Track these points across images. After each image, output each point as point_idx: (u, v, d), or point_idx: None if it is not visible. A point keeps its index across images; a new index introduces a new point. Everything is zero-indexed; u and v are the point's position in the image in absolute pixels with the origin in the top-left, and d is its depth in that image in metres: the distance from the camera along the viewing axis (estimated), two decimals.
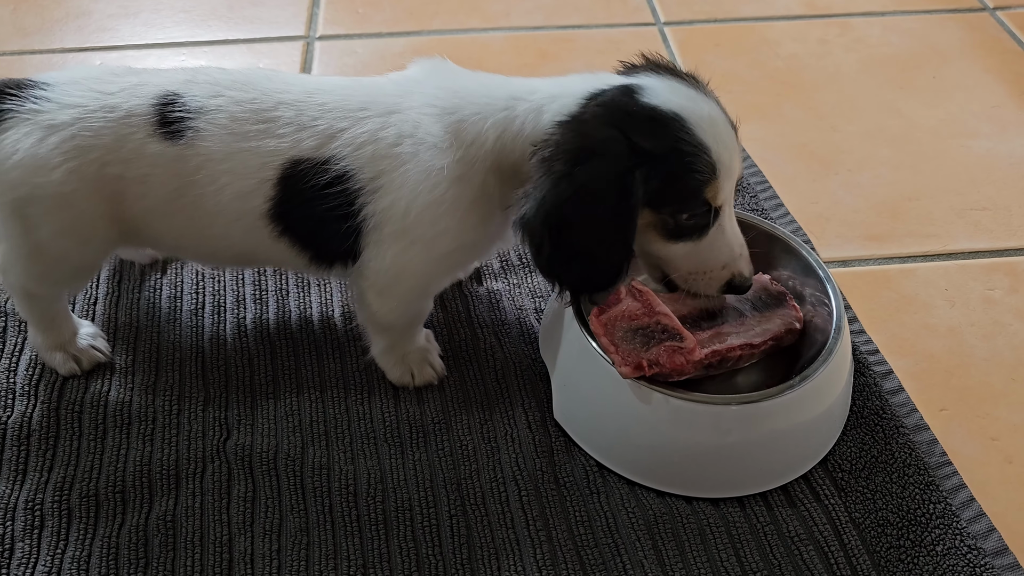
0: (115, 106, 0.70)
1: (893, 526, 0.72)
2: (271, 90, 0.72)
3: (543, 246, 0.67)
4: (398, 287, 0.75)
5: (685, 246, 0.71)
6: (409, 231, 0.71)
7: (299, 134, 0.70)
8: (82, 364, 0.82)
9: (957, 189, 1.07)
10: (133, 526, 0.71)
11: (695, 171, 0.67)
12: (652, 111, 0.67)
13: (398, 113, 0.71)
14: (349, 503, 0.73)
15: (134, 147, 0.70)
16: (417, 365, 0.82)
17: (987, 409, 0.83)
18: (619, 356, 0.72)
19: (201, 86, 0.72)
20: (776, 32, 1.33)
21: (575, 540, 0.71)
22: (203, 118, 0.70)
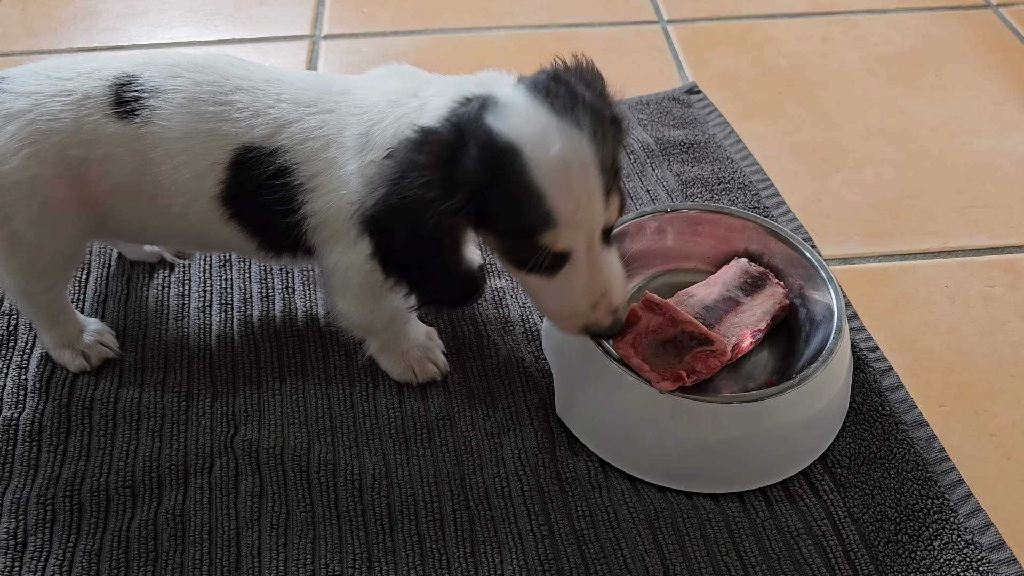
0: (72, 90, 0.70)
1: (891, 521, 0.73)
2: (231, 75, 0.72)
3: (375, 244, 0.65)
4: (350, 288, 0.74)
5: (537, 280, 0.66)
6: (344, 234, 0.70)
7: (252, 120, 0.70)
8: (91, 360, 0.83)
9: (958, 187, 1.07)
10: (143, 520, 0.72)
11: (525, 214, 0.61)
12: (488, 138, 0.60)
13: (333, 113, 0.70)
14: (354, 498, 0.74)
15: (92, 128, 0.70)
16: (418, 363, 0.82)
17: (986, 405, 0.84)
18: (655, 373, 0.72)
19: (159, 67, 0.72)
20: (779, 30, 1.33)
21: (577, 535, 0.73)
22: (160, 97, 0.70)
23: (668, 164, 1.07)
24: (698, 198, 1.03)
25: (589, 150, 0.60)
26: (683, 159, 1.08)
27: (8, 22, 1.32)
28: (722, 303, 0.82)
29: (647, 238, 0.88)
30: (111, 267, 0.94)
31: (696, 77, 1.23)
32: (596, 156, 0.61)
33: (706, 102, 1.17)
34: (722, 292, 0.83)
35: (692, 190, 1.04)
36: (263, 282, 0.92)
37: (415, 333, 0.83)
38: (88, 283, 0.92)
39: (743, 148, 1.10)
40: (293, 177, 0.70)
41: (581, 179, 0.60)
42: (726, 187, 1.04)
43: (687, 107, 1.16)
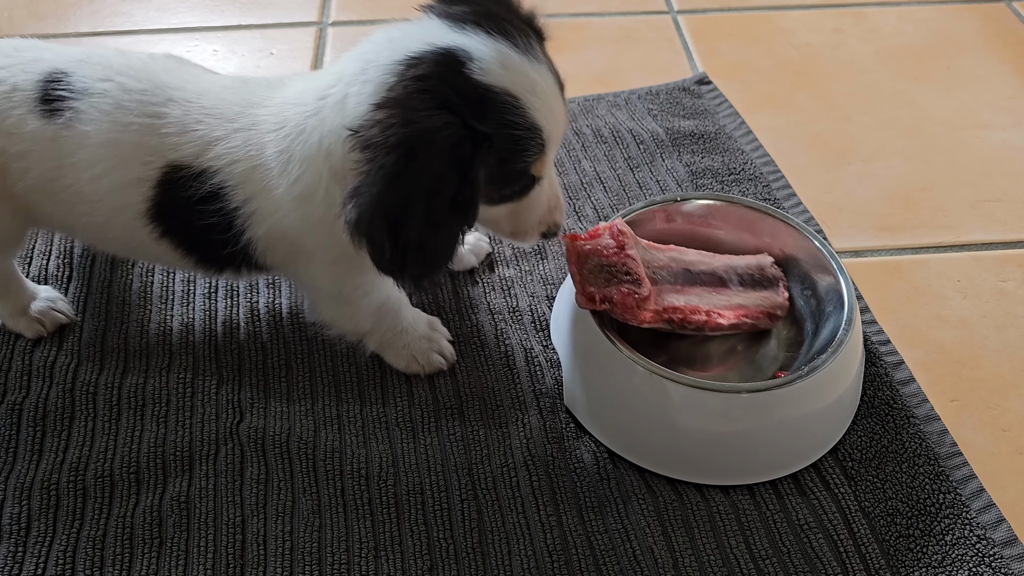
0: (3, 79, 0.69)
1: (903, 515, 0.72)
2: (165, 84, 0.69)
3: (384, 248, 0.60)
4: (325, 298, 0.74)
5: (505, 208, 0.68)
6: (295, 253, 0.69)
7: (180, 137, 0.67)
8: (46, 326, 0.83)
9: (971, 180, 1.06)
10: (147, 506, 0.72)
11: (527, 152, 0.62)
12: (485, 91, 0.59)
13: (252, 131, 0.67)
14: (361, 486, 0.74)
15: (14, 122, 0.68)
16: (422, 354, 0.81)
17: (998, 400, 0.83)
18: (580, 286, 0.75)
19: (93, 67, 0.69)
20: (790, 21, 1.32)
21: (585, 526, 0.72)
22: (86, 100, 0.67)
23: (678, 155, 1.06)
24: (708, 189, 1.02)
25: (552, 76, 0.64)
26: (693, 150, 1.07)
27: (13, 6, 1.31)
28: (707, 275, 0.82)
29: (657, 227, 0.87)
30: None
31: (707, 68, 1.22)
32: (555, 79, 0.65)
33: (716, 93, 1.16)
34: (717, 268, 0.82)
35: (702, 181, 1.03)
36: None
37: (415, 325, 0.81)
38: (93, 268, 0.91)
39: (754, 139, 1.09)
40: (227, 201, 0.67)
41: (555, 102, 0.64)
42: (736, 178, 1.04)
43: (697, 98, 1.15)
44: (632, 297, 0.74)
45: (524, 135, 0.61)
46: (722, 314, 0.78)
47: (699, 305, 0.78)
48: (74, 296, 0.88)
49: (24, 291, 0.83)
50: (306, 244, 0.69)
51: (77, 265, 0.91)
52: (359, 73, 0.62)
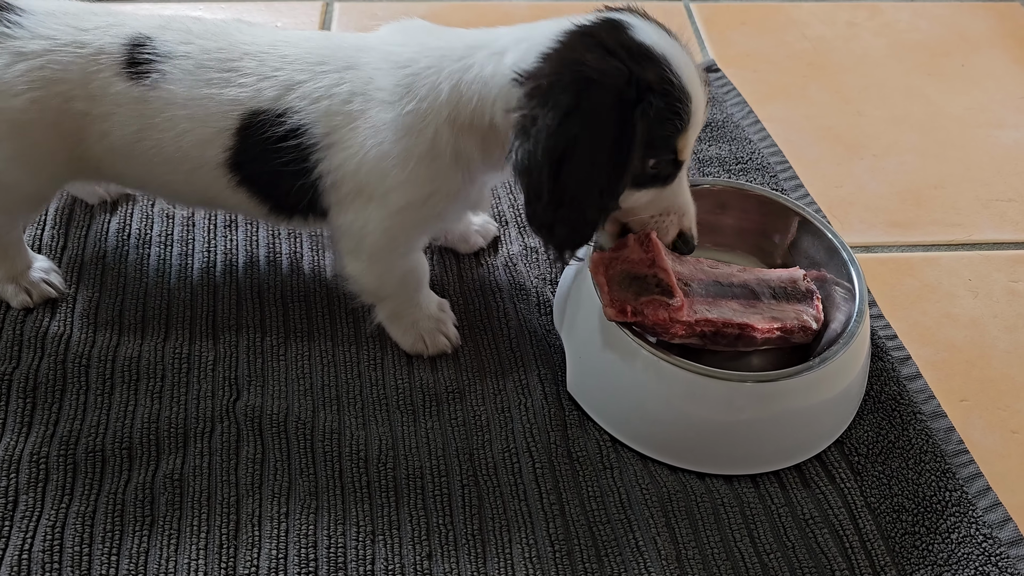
0: (87, 43, 0.70)
1: (908, 512, 0.71)
2: (239, 41, 0.72)
3: (542, 190, 0.63)
4: (364, 247, 0.73)
5: (648, 193, 0.70)
6: (363, 189, 0.70)
7: (259, 84, 0.70)
8: (33, 297, 0.81)
9: (983, 179, 1.05)
10: (139, 483, 0.70)
11: (677, 117, 0.65)
12: (647, 49, 0.64)
13: (354, 69, 0.70)
14: (359, 469, 0.72)
15: (100, 84, 0.70)
16: (429, 334, 0.80)
17: (1008, 402, 0.82)
18: (608, 297, 0.72)
19: (174, 32, 0.72)
20: (804, 13, 1.30)
21: (587, 515, 0.70)
22: (170, 63, 0.70)
23: None
24: (715, 177, 1.00)
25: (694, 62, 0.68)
26: (700, 137, 1.06)
27: None
28: (739, 288, 0.79)
29: None
30: (110, 223, 0.91)
31: (718, 57, 1.20)
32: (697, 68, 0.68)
33: (724, 81, 1.14)
34: (748, 281, 0.79)
35: (709, 169, 1.01)
36: (270, 246, 0.90)
37: (427, 303, 0.81)
38: (87, 238, 0.89)
39: (762, 129, 1.07)
40: (306, 137, 0.69)
41: (699, 87, 0.67)
42: (744, 167, 1.02)
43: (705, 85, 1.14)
44: (665, 310, 0.71)
45: (677, 97, 0.64)
46: (756, 327, 0.75)
47: (732, 318, 0.74)
48: (68, 266, 0.86)
49: (22, 258, 0.82)
50: (385, 181, 0.69)
51: (72, 235, 0.89)
52: (522, 40, 0.66)
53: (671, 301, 0.71)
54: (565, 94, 0.61)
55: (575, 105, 0.61)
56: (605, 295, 0.72)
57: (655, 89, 0.63)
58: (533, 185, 0.63)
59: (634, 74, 0.62)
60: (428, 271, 0.81)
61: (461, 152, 0.69)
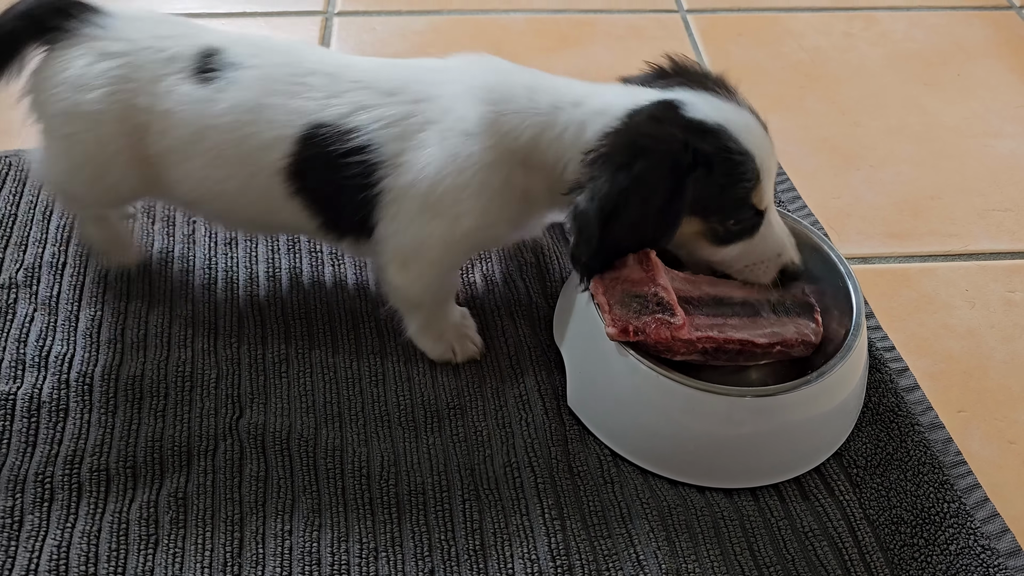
0: (164, 48, 0.75)
1: (907, 524, 0.72)
2: (309, 59, 0.75)
3: (592, 238, 0.69)
4: (418, 260, 0.76)
5: (736, 247, 0.75)
6: (432, 207, 0.73)
7: (327, 100, 0.73)
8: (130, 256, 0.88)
9: (979, 189, 1.06)
10: (144, 502, 0.70)
11: (744, 178, 0.70)
12: (700, 124, 0.69)
13: (428, 101, 0.73)
14: (362, 485, 0.72)
15: (168, 85, 0.74)
16: (458, 341, 0.82)
17: (1005, 412, 0.82)
18: (610, 316, 0.73)
19: (244, 46, 0.76)
20: (800, 23, 1.31)
21: (588, 530, 0.71)
22: (239, 71, 0.74)
23: None
24: None
25: (754, 116, 0.73)
26: None
27: None
28: (739, 304, 0.79)
29: None
30: None
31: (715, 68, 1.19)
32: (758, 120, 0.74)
33: None
34: (748, 296, 0.79)
35: None
36: (270, 263, 0.90)
37: (452, 313, 0.83)
38: (88, 256, 0.90)
39: None
40: (373, 155, 0.72)
41: (764, 139, 0.73)
42: None
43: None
44: (667, 328, 0.72)
45: (739, 159, 0.69)
46: (757, 343, 0.75)
47: (732, 335, 0.75)
48: (70, 285, 0.87)
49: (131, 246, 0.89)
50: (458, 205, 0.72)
51: (73, 254, 0.90)
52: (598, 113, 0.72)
53: (672, 319, 0.72)
54: (620, 156, 0.68)
55: (627, 165, 0.67)
56: (607, 315, 0.73)
57: (713, 158, 0.69)
58: (585, 235, 0.69)
59: (690, 144, 0.68)
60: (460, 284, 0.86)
61: (530, 192, 0.74)
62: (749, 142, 0.70)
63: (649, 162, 0.67)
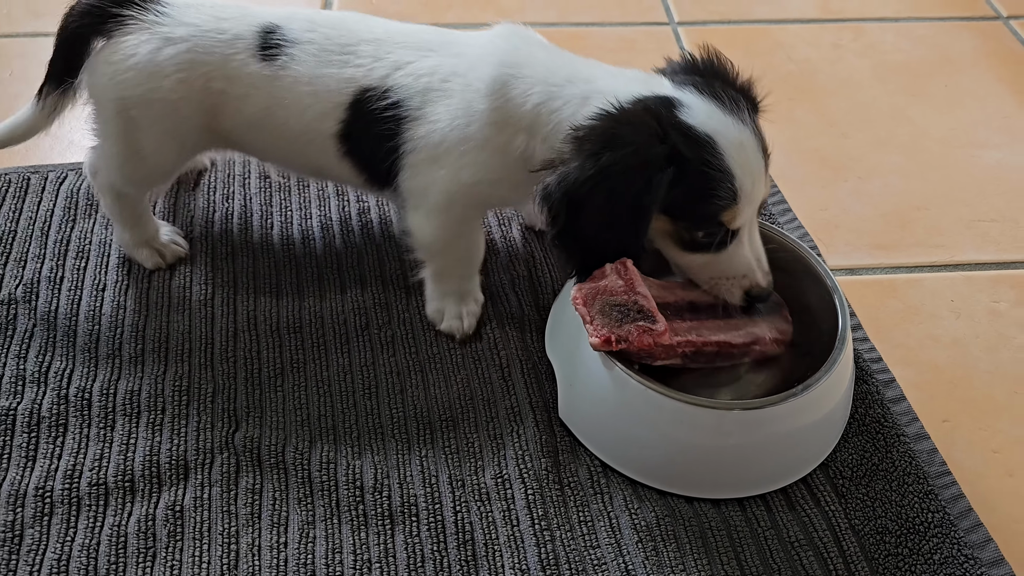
0: (225, 29, 0.79)
1: (892, 534, 0.73)
2: (358, 30, 0.80)
3: (559, 220, 0.70)
4: (426, 203, 0.80)
5: (701, 257, 0.75)
6: (439, 158, 0.77)
7: (372, 64, 0.78)
8: (166, 258, 0.90)
9: (966, 200, 1.07)
10: (141, 516, 0.72)
11: (716, 195, 0.70)
12: (688, 129, 0.69)
13: (456, 58, 0.77)
14: (355, 497, 0.74)
15: (236, 66, 0.78)
16: (449, 312, 0.86)
17: (989, 422, 0.84)
18: (592, 327, 0.74)
19: (300, 21, 0.80)
20: (789, 35, 1.32)
21: (578, 541, 0.72)
22: (298, 47, 0.79)
23: None
24: None
25: (755, 138, 0.72)
26: None
27: (12, 3, 1.30)
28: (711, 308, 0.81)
29: None
30: (110, 257, 0.93)
31: None
32: (759, 142, 0.72)
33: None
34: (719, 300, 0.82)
35: None
36: (267, 278, 0.92)
37: (467, 288, 0.86)
38: (85, 272, 0.91)
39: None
40: (402, 109, 0.77)
41: (754, 161, 0.71)
42: None
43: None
44: (649, 335, 0.73)
45: (716, 175, 0.69)
46: (734, 344, 0.78)
47: (710, 337, 0.77)
48: (68, 300, 0.88)
49: (152, 223, 0.91)
50: (463, 157, 0.76)
51: (71, 268, 0.91)
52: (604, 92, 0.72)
53: (654, 326, 0.73)
54: (591, 143, 0.69)
55: (595, 153, 0.68)
56: (589, 325, 0.74)
57: (688, 164, 0.68)
58: (551, 212, 0.70)
59: (670, 144, 0.68)
60: (482, 255, 0.87)
61: (531, 157, 0.75)
62: (733, 161, 0.69)
63: (618, 154, 0.67)
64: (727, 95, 0.72)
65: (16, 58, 1.20)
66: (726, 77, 0.76)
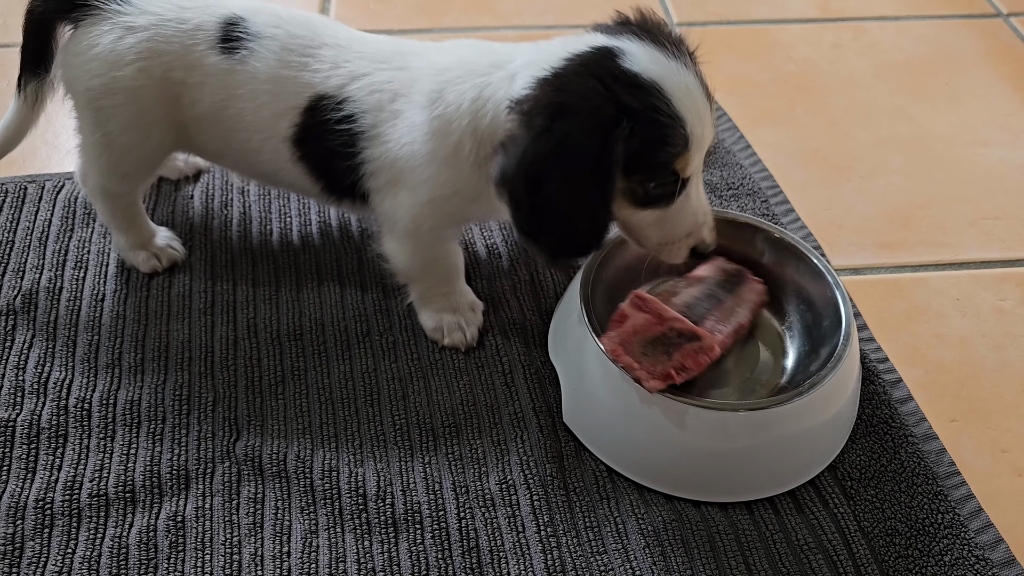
0: (187, 19, 0.78)
1: (902, 535, 0.72)
2: (323, 33, 0.79)
3: (521, 202, 0.68)
4: (396, 228, 0.79)
5: (652, 213, 0.72)
6: (398, 179, 0.76)
7: (330, 72, 0.77)
8: (162, 261, 0.90)
9: (969, 198, 1.06)
10: (143, 527, 0.71)
11: (669, 142, 0.67)
12: (633, 77, 0.66)
13: (404, 71, 0.76)
14: (359, 506, 0.73)
15: (196, 56, 0.78)
16: (449, 326, 0.85)
17: (997, 421, 0.83)
18: (643, 371, 0.72)
19: (265, 16, 0.79)
20: (789, 35, 1.32)
21: (584, 547, 0.71)
22: (259, 42, 0.78)
23: None
24: None
25: (698, 81, 0.70)
26: None
27: (9, 12, 1.30)
28: (704, 301, 0.82)
29: None
30: (109, 266, 0.92)
31: None
32: (703, 86, 0.70)
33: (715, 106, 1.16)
34: (703, 290, 0.83)
35: None
36: (268, 285, 0.91)
37: (461, 297, 0.86)
38: (85, 281, 0.90)
39: (752, 154, 1.09)
40: (357, 124, 0.76)
41: (703, 106, 0.69)
42: (735, 193, 1.03)
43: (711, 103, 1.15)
44: (703, 353, 0.73)
45: (667, 122, 0.66)
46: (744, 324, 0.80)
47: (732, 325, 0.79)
48: (66, 309, 0.87)
49: (147, 227, 0.91)
50: (414, 176, 0.75)
51: (69, 278, 0.90)
52: (531, 64, 0.70)
53: (702, 343, 0.73)
54: (540, 116, 0.65)
55: (548, 127, 0.65)
56: (639, 371, 0.72)
57: (639, 115, 0.65)
58: (512, 196, 0.68)
59: (617, 99, 0.65)
60: (462, 265, 0.85)
61: (482, 160, 0.73)
62: (683, 105, 0.66)
63: (572, 123, 0.65)
64: (667, 40, 0.69)
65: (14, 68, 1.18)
66: (657, 27, 0.72)
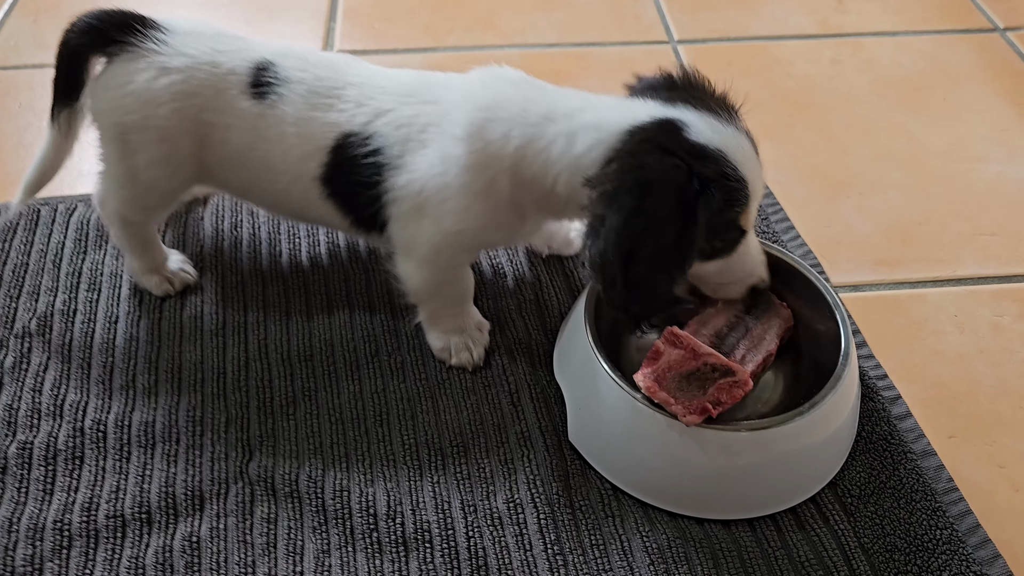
0: (220, 63, 0.80)
1: (901, 552, 0.74)
2: (347, 73, 0.81)
3: (616, 281, 0.69)
4: (415, 253, 0.81)
5: (716, 263, 0.77)
6: (421, 207, 0.78)
7: (355, 110, 0.79)
8: (175, 285, 0.92)
9: (966, 214, 1.08)
10: (159, 547, 0.72)
11: (736, 203, 0.72)
12: (701, 149, 0.70)
13: (435, 104, 0.78)
14: (369, 525, 0.75)
15: (227, 100, 0.80)
16: (456, 346, 0.86)
17: (995, 436, 0.84)
18: (680, 407, 0.73)
19: (293, 60, 0.81)
20: (788, 52, 1.34)
21: (590, 564, 0.73)
22: (287, 86, 0.80)
23: None
24: None
25: (750, 141, 0.74)
26: None
27: (20, 35, 1.32)
28: (734, 330, 0.83)
29: None
30: (122, 288, 0.94)
31: None
32: (752, 144, 0.74)
33: None
34: (732, 318, 0.84)
35: None
36: (277, 306, 0.93)
37: (467, 318, 0.88)
38: (98, 304, 0.92)
39: None
40: (382, 156, 0.78)
41: (756, 163, 0.73)
42: None
43: None
44: (737, 387, 0.75)
45: (735, 186, 0.71)
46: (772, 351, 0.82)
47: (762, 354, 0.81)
48: (81, 332, 0.89)
49: (160, 251, 0.93)
50: (443, 206, 0.77)
51: (83, 300, 0.92)
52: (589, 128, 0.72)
53: (736, 377, 0.75)
54: (629, 196, 0.68)
55: (638, 207, 0.67)
56: (676, 407, 0.73)
57: (715, 183, 0.69)
58: (607, 278, 0.70)
59: (694, 170, 0.68)
60: (472, 288, 0.87)
61: (516, 200, 0.76)
62: (745, 168, 0.71)
63: (659, 200, 0.68)
64: (718, 106, 0.73)
65: (24, 90, 1.21)
66: (705, 89, 0.76)
